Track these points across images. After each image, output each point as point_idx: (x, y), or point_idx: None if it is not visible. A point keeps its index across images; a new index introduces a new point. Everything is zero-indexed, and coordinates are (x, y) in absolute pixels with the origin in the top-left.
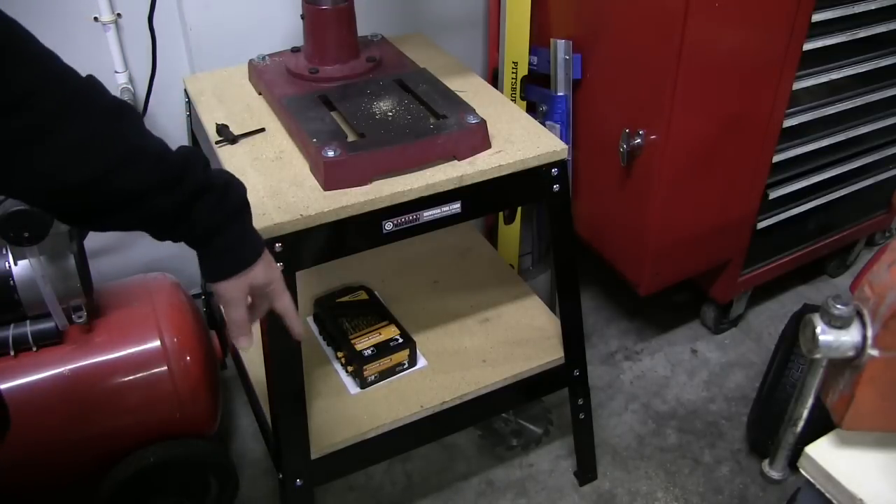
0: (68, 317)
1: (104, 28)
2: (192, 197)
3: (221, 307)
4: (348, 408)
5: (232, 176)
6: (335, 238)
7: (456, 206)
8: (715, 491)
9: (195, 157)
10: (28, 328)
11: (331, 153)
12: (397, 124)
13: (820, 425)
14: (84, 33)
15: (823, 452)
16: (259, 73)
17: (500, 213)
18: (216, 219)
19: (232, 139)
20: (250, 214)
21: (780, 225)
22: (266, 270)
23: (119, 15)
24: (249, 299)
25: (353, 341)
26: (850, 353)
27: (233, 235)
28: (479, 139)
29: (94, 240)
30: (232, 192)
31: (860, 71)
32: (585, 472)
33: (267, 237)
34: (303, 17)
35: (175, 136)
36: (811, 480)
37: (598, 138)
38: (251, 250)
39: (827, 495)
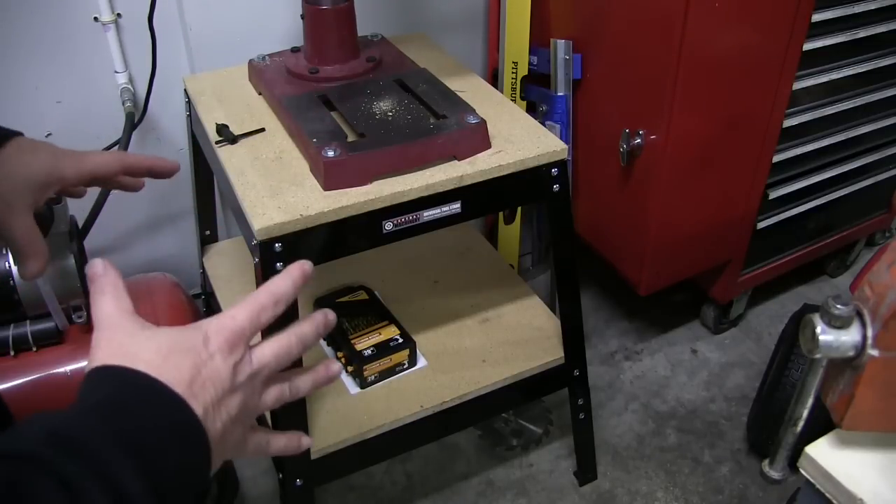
0: (68, 317)
1: (104, 28)
2: None
3: (7, 238)
4: (348, 408)
5: None
6: (335, 238)
7: (456, 206)
8: (715, 491)
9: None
10: (28, 328)
11: (331, 153)
12: (397, 124)
13: (820, 425)
14: (84, 33)
15: (823, 452)
16: (259, 73)
17: (500, 213)
18: None
19: (232, 139)
20: None
21: (780, 225)
22: (34, 157)
23: (119, 15)
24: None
25: (353, 341)
26: (850, 353)
27: None
28: (479, 139)
29: (94, 240)
30: None
31: (860, 71)
32: (585, 472)
33: (267, 237)
34: (303, 17)
35: (175, 135)
36: (811, 480)
37: (598, 138)
38: None
39: (827, 495)
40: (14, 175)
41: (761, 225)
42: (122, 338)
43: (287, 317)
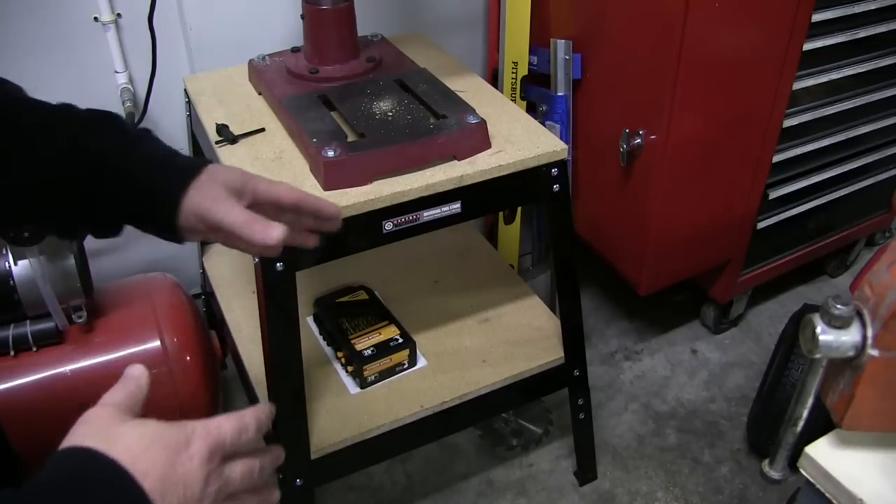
0: (68, 317)
1: (104, 28)
2: (82, 130)
3: (217, 224)
4: (348, 408)
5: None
6: (335, 238)
7: (456, 206)
8: (715, 491)
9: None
10: (28, 328)
11: (331, 153)
12: (397, 124)
13: (820, 425)
14: (84, 33)
15: (823, 452)
16: (259, 73)
17: (500, 213)
18: (124, 137)
19: (232, 139)
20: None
21: (780, 225)
22: (231, 171)
23: (119, 15)
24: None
25: (353, 341)
26: (850, 353)
27: (156, 150)
28: (479, 139)
29: (94, 240)
30: (125, 121)
31: (860, 71)
32: (585, 472)
33: None
34: (303, 17)
35: (175, 136)
36: (811, 480)
37: (598, 138)
38: (191, 160)
39: (827, 495)
40: (214, 180)
41: (761, 225)
42: (110, 419)
43: (290, 323)
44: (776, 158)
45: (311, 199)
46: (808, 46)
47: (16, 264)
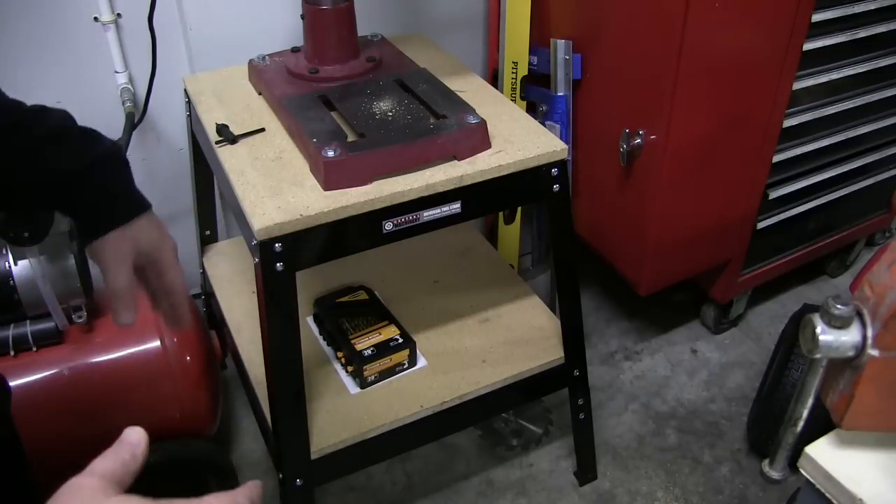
0: (68, 317)
1: (104, 28)
2: (46, 140)
3: (102, 273)
4: (348, 408)
5: (99, 134)
6: (335, 238)
7: (456, 206)
8: (715, 491)
9: (52, 110)
10: (28, 328)
11: (331, 153)
12: (397, 124)
13: (820, 425)
14: (84, 33)
15: (823, 452)
16: (259, 73)
17: (500, 213)
18: (81, 161)
19: (232, 139)
20: (128, 170)
21: (780, 225)
22: (152, 232)
23: (119, 15)
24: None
25: (353, 341)
26: (850, 353)
27: (105, 185)
28: (479, 139)
29: None
30: (98, 141)
31: (860, 71)
32: (585, 472)
33: (267, 237)
34: (303, 17)
35: (175, 135)
36: (811, 480)
37: (598, 138)
38: (131, 203)
39: (827, 495)
40: (130, 238)
41: (761, 225)
42: (94, 493)
43: (290, 323)
44: (776, 158)
45: (180, 300)
46: (808, 46)
47: (16, 264)
